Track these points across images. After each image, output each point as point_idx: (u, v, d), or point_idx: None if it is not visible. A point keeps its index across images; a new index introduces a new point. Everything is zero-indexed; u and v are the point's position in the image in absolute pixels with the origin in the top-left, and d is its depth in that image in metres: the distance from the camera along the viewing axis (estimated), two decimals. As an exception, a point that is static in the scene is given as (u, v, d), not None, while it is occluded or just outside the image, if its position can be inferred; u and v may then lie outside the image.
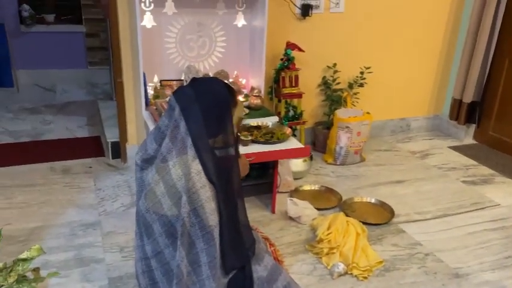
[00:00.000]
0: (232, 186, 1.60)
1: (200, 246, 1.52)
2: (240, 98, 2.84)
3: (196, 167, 1.47)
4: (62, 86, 4.87)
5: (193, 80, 1.57)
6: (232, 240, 1.61)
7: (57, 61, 5.00)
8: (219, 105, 1.51)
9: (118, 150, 3.18)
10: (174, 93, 1.54)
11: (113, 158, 3.20)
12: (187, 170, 1.46)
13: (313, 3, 3.19)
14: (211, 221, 1.50)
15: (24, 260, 1.58)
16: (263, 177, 2.82)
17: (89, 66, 5.14)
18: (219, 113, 1.51)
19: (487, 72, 3.50)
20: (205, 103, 1.49)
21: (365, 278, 2.10)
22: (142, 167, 1.59)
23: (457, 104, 3.68)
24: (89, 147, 3.41)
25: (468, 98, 3.57)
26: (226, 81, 2.85)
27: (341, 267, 2.11)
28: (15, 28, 4.79)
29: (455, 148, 3.65)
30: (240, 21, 2.97)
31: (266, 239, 2.32)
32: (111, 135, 3.26)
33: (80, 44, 5.07)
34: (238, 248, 1.65)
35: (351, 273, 2.12)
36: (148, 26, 2.76)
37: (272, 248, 2.25)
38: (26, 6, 4.77)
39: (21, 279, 1.57)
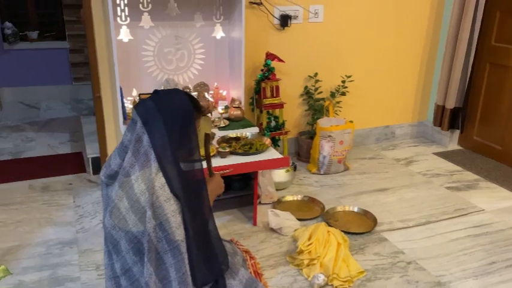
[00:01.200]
0: (201, 200, 1.57)
1: (169, 261, 1.48)
2: (217, 113, 2.82)
3: (160, 180, 1.44)
4: (47, 102, 4.85)
5: (155, 92, 1.54)
6: (204, 255, 1.58)
7: (42, 78, 4.98)
8: (181, 116, 1.48)
9: (99, 166, 3.14)
10: (136, 106, 1.51)
11: (93, 174, 3.16)
12: (151, 184, 1.43)
13: (292, 13, 3.20)
14: (177, 235, 1.46)
15: (-11, 281, 1.53)
16: (245, 189, 2.80)
17: (73, 82, 5.12)
18: (182, 124, 1.48)
19: (468, 78, 3.51)
20: (168, 115, 1.46)
21: (346, 289, 2.06)
22: (107, 183, 1.55)
23: (440, 110, 3.68)
24: (70, 163, 3.37)
25: (451, 104, 3.58)
26: (200, 96, 2.84)
27: (321, 278, 2.07)
28: (-2, 46, 4.78)
29: (439, 154, 3.64)
30: (219, 33, 2.97)
31: (246, 252, 2.29)
32: (92, 151, 3.23)
33: (64, 60, 5.06)
34: (210, 262, 1.62)
35: (332, 285, 2.08)
36: (125, 40, 2.74)
37: (252, 261, 2.22)
38: (8, 24, 4.77)
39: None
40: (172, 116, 1.46)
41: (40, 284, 2.07)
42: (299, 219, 2.58)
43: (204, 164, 1.66)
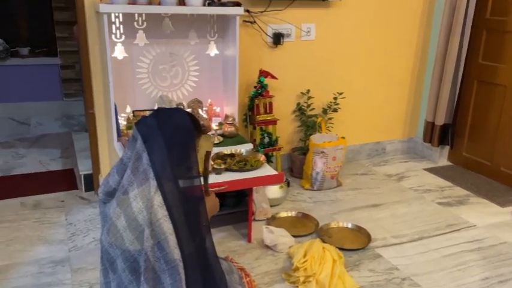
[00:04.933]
0: (200, 217, 1.57)
1: (166, 281, 1.47)
2: (211, 132, 2.83)
3: (158, 199, 1.44)
4: (37, 118, 4.82)
5: (157, 110, 1.56)
6: (201, 274, 1.57)
7: (32, 94, 4.95)
8: (182, 135, 1.49)
9: (91, 183, 3.12)
10: (137, 123, 1.52)
11: (86, 191, 3.14)
12: (150, 203, 1.43)
13: (284, 32, 3.25)
14: (175, 255, 1.45)
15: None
16: (239, 205, 2.79)
17: (64, 98, 5.10)
18: (182, 143, 1.49)
19: (457, 95, 3.58)
20: (168, 134, 1.47)
21: (342, 306, 2.06)
22: (104, 200, 1.55)
23: (430, 127, 3.74)
24: (62, 180, 3.34)
25: (440, 121, 3.64)
26: (194, 112, 2.86)
27: (317, 295, 2.07)
28: (-11, 62, 4.75)
29: (430, 170, 3.68)
30: (213, 50, 3.00)
31: (241, 269, 2.27)
32: (84, 168, 3.20)
33: (55, 76, 5.04)
34: (207, 282, 1.60)
35: (328, 302, 2.08)
36: (120, 57, 2.75)
37: (247, 279, 2.21)
38: (-1, 40, 4.75)
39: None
40: (172, 135, 1.47)
41: (32, 304, 2.03)
42: (293, 236, 2.58)
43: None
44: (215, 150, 2.66)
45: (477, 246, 2.60)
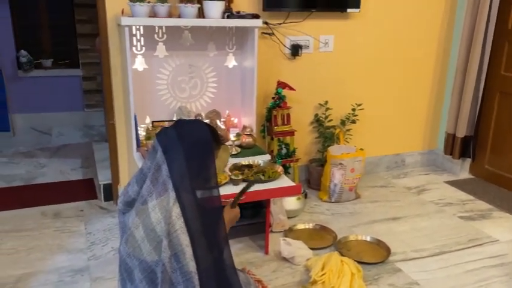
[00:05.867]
0: (218, 228, 1.56)
1: (181, 293, 1.47)
2: (229, 142, 2.84)
3: (177, 210, 1.44)
4: (58, 129, 4.91)
5: (177, 121, 1.57)
6: (218, 286, 1.56)
7: (54, 104, 5.06)
8: (201, 147, 1.50)
9: (110, 193, 3.15)
10: (157, 134, 1.54)
11: (105, 201, 3.17)
12: (168, 214, 1.44)
13: (302, 43, 3.25)
14: (191, 267, 1.45)
15: (4, 310, 1.52)
16: (256, 216, 2.78)
17: (85, 109, 5.19)
18: (201, 155, 1.50)
19: (478, 106, 3.53)
20: (188, 145, 1.48)
21: (361, 321, 2.02)
22: (123, 210, 1.56)
23: (450, 139, 3.68)
24: (82, 190, 3.39)
25: (461, 133, 3.58)
26: (212, 123, 2.88)
27: (336, 310, 2.04)
28: (13, 73, 4.88)
29: (451, 183, 3.62)
30: (231, 62, 3.02)
31: (259, 281, 2.26)
32: (103, 177, 3.24)
33: (76, 87, 5.14)
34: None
35: (346, 316, 2.04)
36: (140, 68, 2.80)
37: (265, 291, 2.19)
38: (23, 52, 4.88)
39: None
40: (192, 147, 1.48)
41: (51, 312, 2.06)
42: (311, 248, 2.56)
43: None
44: (233, 161, 2.66)
45: (500, 261, 2.53)
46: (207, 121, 2.94)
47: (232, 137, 2.96)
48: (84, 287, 2.23)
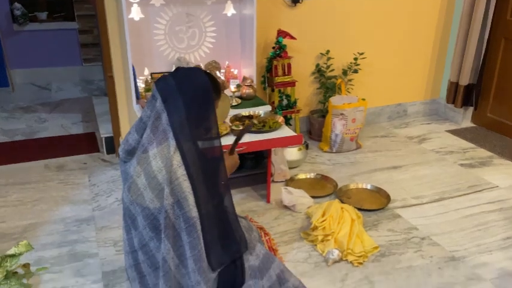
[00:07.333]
0: (218, 177, 1.57)
1: (184, 239, 1.50)
2: (229, 91, 2.81)
3: (177, 158, 1.45)
4: (57, 83, 4.87)
5: (176, 69, 1.54)
6: (220, 233, 1.59)
7: (52, 59, 4.98)
8: (201, 96, 1.48)
9: (112, 145, 3.16)
10: (156, 83, 1.51)
11: (107, 154, 3.19)
12: (169, 162, 1.44)
13: (303, -11, 3.15)
14: (194, 213, 1.47)
15: (12, 256, 1.57)
16: (258, 167, 2.80)
17: (84, 63, 5.12)
18: (202, 104, 1.48)
19: (483, 53, 3.45)
20: (188, 93, 1.46)
21: (360, 263, 2.08)
22: (124, 159, 1.57)
23: (453, 87, 3.64)
24: (84, 143, 3.40)
25: (465, 81, 3.53)
26: (212, 72, 2.83)
27: (336, 253, 2.09)
28: (8, 27, 4.77)
29: (453, 132, 3.61)
30: (230, 10, 2.94)
31: (261, 228, 2.31)
32: (105, 131, 3.25)
33: (73, 41, 5.04)
34: (226, 240, 1.62)
35: (346, 260, 2.10)
36: (136, 18, 2.72)
37: (267, 237, 2.25)
38: (17, 5, 4.74)
39: (11, 275, 1.56)
40: (191, 96, 1.46)
41: (60, 259, 2.12)
42: (312, 197, 2.59)
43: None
44: (234, 112, 2.65)
45: (499, 206, 2.56)
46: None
47: (232, 88, 2.93)
48: (90, 236, 2.29)
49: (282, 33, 3.06)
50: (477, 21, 3.33)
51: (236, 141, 1.89)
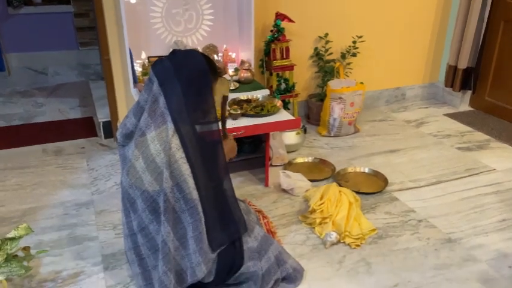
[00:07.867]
0: (217, 160, 1.58)
1: (186, 220, 1.51)
2: (227, 76, 2.80)
3: (176, 141, 1.45)
4: (54, 68, 4.84)
5: (173, 52, 1.53)
6: (219, 215, 1.60)
7: (48, 43, 4.94)
8: (198, 79, 1.48)
9: (110, 130, 3.16)
10: (153, 66, 1.51)
11: (105, 138, 3.19)
12: (168, 145, 1.45)
13: (301, -29, 3.11)
14: (194, 195, 1.48)
15: (12, 239, 1.58)
16: (256, 151, 2.81)
17: (80, 47, 5.08)
18: (199, 87, 1.48)
19: (481, 37, 3.44)
20: (184, 76, 1.45)
21: (358, 246, 2.10)
22: (123, 143, 1.57)
23: (452, 71, 3.63)
24: (82, 128, 3.40)
25: (463, 64, 3.52)
26: (210, 56, 2.82)
27: (333, 236, 2.11)
28: (3, 10, 4.72)
29: (451, 115, 3.61)
30: (227, -8, 2.90)
31: (259, 211, 2.33)
32: (102, 115, 3.24)
33: (69, 25, 4.99)
34: (225, 222, 1.64)
35: (344, 242, 2.12)
36: (133, 1, 2.70)
37: (265, 220, 2.26)
38: (12, -12, 4.69)
39: (11, 258, 1.58)
40: (189, 78, 1.46)
41: (59, 243, 2.13)
42: (310, 181, 2.61)
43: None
44: (232, 96, 2.64)
45: (495, 189, 2.58)
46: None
47: (230, 72, 2.92)
48: (89, 219, 2.30)
49: (280, 16, 3.03)
50: (476, 4, 3.31)
51: (223, 123, 1.87)
